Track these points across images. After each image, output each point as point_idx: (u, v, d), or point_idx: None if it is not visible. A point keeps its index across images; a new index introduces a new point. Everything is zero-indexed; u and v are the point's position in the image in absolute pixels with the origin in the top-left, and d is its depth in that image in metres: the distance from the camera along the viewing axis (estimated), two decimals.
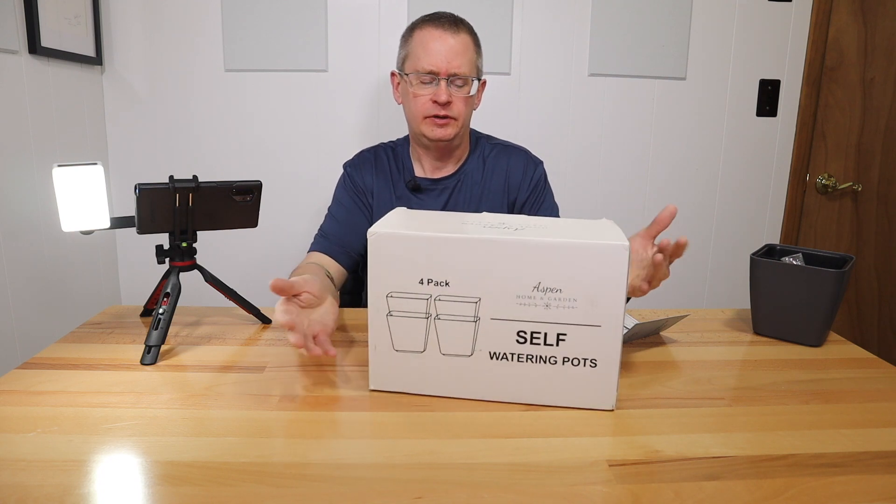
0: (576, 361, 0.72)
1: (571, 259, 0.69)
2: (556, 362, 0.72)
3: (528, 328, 0.72)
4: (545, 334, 0.72)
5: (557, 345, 0.72)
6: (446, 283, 0.72)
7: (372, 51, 1.74)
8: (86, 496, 0.55)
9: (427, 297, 0.72)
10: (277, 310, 0.74)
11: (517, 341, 0.72)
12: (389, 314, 0.74)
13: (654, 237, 0.93)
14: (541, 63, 1.78)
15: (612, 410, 0.73)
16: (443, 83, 1.15)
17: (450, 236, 0.71)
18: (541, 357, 0.73)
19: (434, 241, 0.71)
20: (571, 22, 1.76)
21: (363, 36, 1.73)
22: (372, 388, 0.77)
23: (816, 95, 1.86)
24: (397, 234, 0.72)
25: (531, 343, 0.72)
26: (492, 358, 0.73)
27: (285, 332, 0.74)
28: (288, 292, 0.77)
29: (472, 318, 0.72)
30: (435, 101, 1.16)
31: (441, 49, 1.15)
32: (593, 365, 0.72)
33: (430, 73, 1.15)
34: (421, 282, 0.72)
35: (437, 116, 1.17)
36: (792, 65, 1.84)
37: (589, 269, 0.69)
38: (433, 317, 0.73)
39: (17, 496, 0.54)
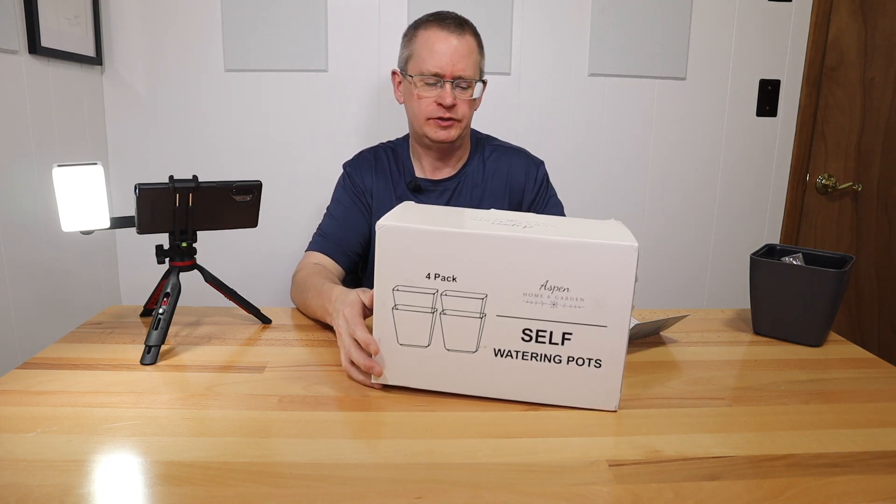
0: (580, 361, 0.72)
1: (580, 258, 0.69)
2: (560, 361, 0.72)
3: (534, 326, 0.72)
4: (551, 333, 0.72)
5: (563, 344, 0.72)
6: (453, 279, 0.71)
7: (372, 51, 1.74)
8: (86, 496, 0.55)
9: (434, 291, 0.72)
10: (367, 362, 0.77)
11: (522, 339, 0.72)
12: (395, 308, 0.74)
13: None
14: (541, 63, 1.78)
15: (616, 411, 0.73)
16: (447, 86, 1.14)
17: (459, 231, 0.71)
18: (545, 356, 0.72)
19: (443, 235, 0.71)
20: (571, 22, 1.76)
21: (363, 36, 1.73)
22: (374, 381, 0.77)
23: (816, 95, 1.86)
24: (406, 227, 0.71)
25: (536, 341, 0.72)
26: (496, 355, 0.73)
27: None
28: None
29: (478, 315, 0.72)
30: (439, 104, 1.15)
31: (446, 51, 1.14)
32: (598, 365, 0.72)
33: (435, 75, 1.14)
34: (428, 276, 0.72)
35: (441, 118, 1.17)
36: (792, 65, 1.84)
37: (597, 268, 0.69)
38: (439, 312, 0.73)
39: (17, 496, 0.54)
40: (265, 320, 1.03)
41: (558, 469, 0.61)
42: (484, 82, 1.22)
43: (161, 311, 0.87)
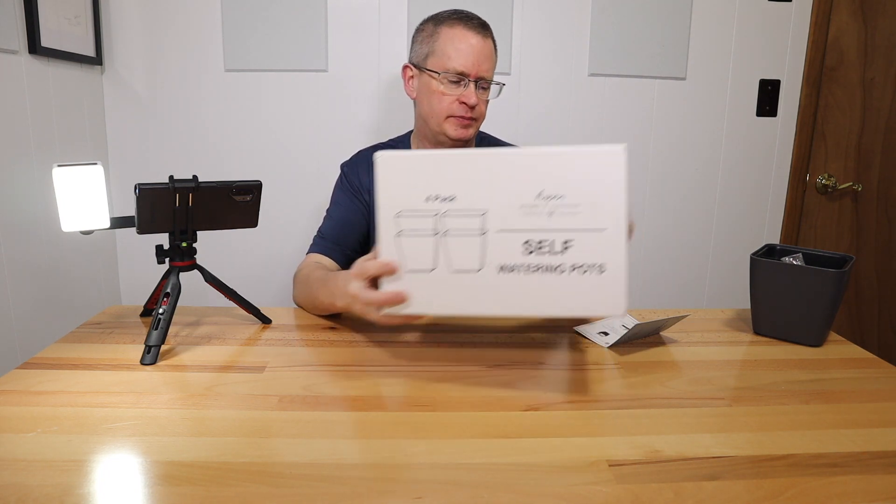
0: (584, 269, 0.73)
1: (570, 165, 0.71)
2: (563, 271, 0.73)
3: (535, 237, 0.73)
4: (552, 241, 0.73)
5: (564, 252, 0.73)
6: (452, 198, 0.74)
7: (372, 51, 1.74)
8: (86, 496, 0.55)
9: (434, 213, 0.74)
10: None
11: (525, 252, 0.74)
12: (399, 234, 0.75)
13: None
14: (541, 63, 1.78)
15: (624, 315, 0.73)
16: (472, 85, 1.16)
17: (453, 152, 0.75)
18: (549, 266, 0.74)
19: (439, 157, 0.74)
20: (571, 22, 1.76)
21: (363, 36, 1.73)
22: (383, 313, 0.79)
23: (816, 95, 1.86)
24: (403, 154, 0.75)
25: (538, 253, 0.73)
26: (500, 271, 0.74)
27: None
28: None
29: (478, 232, 0.74)
30: (463, 103, 1.16)
31: (471, 51, 1.15)
32: (601, 271, 0.73)
33: (460, 73, 1.15)
34: (427, 199, 0.74)
35: (461, 117, 1.17)
36: (792, 65, 1.84)
37: (588, 172, 0.71)
38: (441, 233, 0.75)
39: (17, 496, 0.54)
40: (265, 320, 1.03)
41: (558, 469, 0.61)
42: (501, 84, 1.23)
43: (161, 311, 0.87)
